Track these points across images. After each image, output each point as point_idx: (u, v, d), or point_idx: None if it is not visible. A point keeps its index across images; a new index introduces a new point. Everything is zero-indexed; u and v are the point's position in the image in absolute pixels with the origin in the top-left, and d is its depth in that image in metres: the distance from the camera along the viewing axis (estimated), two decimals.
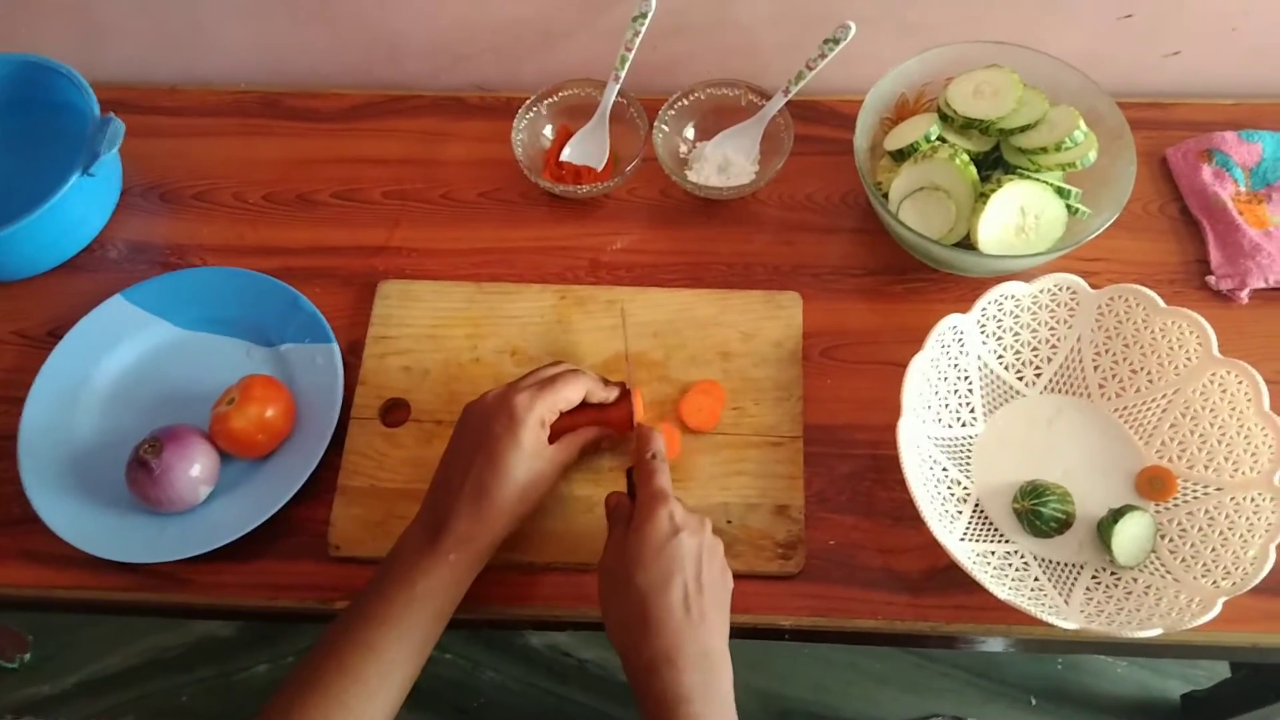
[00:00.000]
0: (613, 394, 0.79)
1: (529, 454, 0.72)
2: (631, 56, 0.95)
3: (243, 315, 0.90)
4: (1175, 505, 0.78)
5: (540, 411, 0.73)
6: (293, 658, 1.45)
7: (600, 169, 0.98)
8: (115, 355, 0.89)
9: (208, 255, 0.97)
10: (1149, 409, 0.81)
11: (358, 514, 0.80)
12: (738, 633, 0.78)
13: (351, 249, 0.96)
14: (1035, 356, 0.84)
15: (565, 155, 0.99)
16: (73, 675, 1.50)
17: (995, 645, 0.85)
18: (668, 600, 0.65)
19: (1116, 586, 0.74)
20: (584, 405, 0.78)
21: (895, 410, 0.75)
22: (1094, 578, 0.76)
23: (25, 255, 0.94)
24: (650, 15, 0.94)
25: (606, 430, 0.79)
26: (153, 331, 0.90)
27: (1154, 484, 0.79)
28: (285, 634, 1.48)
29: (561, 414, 0.76)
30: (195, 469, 0.79)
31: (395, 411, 0.86)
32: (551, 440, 0.75)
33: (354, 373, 0.87)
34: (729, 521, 0.79)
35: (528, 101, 0.98)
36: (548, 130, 1.00)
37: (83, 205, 0.95)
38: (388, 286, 0.91)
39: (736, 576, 0.77)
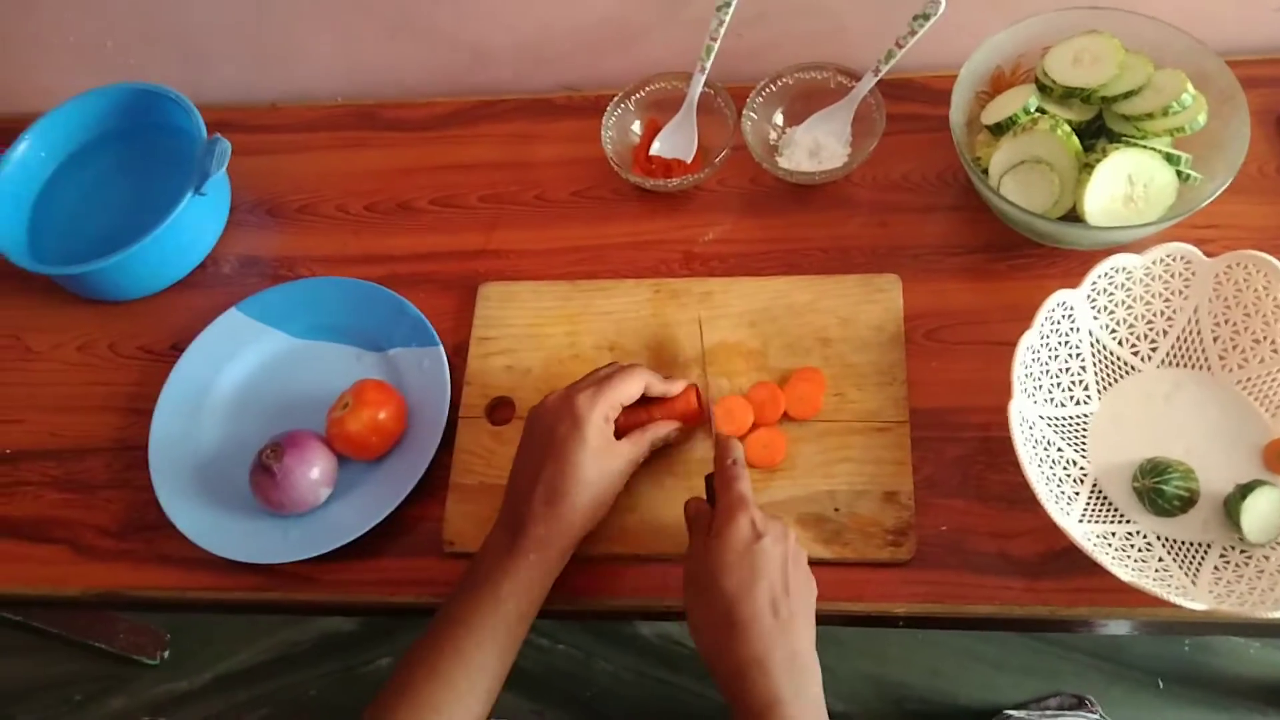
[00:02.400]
0: (674, 387, 0.80)
1: (596, 452, 0.73)
2: (717, 46, 0.95)
3: (352, 322, 0.93)
4: None
5: (603, 409, 0.74)
6: None
7: (690, 161, 0.98)
8: (234, 365, 0.93)
9: (315, 266, 1.00)
10: (1275, 379, 0.78)
11: (469, 510, 0.82)
12: (851, 620, 0.78)
13: (451, 253, 0.98)
14: (1150, 330, 0.81)
15: (654, 149, 0.99)
16: (208, 671, 1.57)
17: (1119, 628, 0.83)
18: (755, 603, 0.64)
19: (1247, 565, 0.71)
20: (649, 401, 0.79)
21: (1004, 391, 0.74)
22: (1222, 556, 0.73)
23: (145, 274, 0.99)
24: (734, 4, 0.93)
25: (674, 423, 0.80)
26: (268, 341, 0.94)
27: None
28: (404, 627, 1.53)
29: (625, 410, 0.77)
30: (315, 472, 0.82)
31: (501, 409, 0.88)
32: (619, 436, 0.76)
33: (459, 373, 0.89)
34: (836, 509, 0.78)
35: (615, 98, 0.99)
36: (636, 126, 1.01)
37: (196, 224, 1.00)
38: (488, 289, 0.93)
39: (846, 565, 0.77)
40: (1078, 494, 0.76)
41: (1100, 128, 0.87)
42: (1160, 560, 0.72)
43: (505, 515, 0.75)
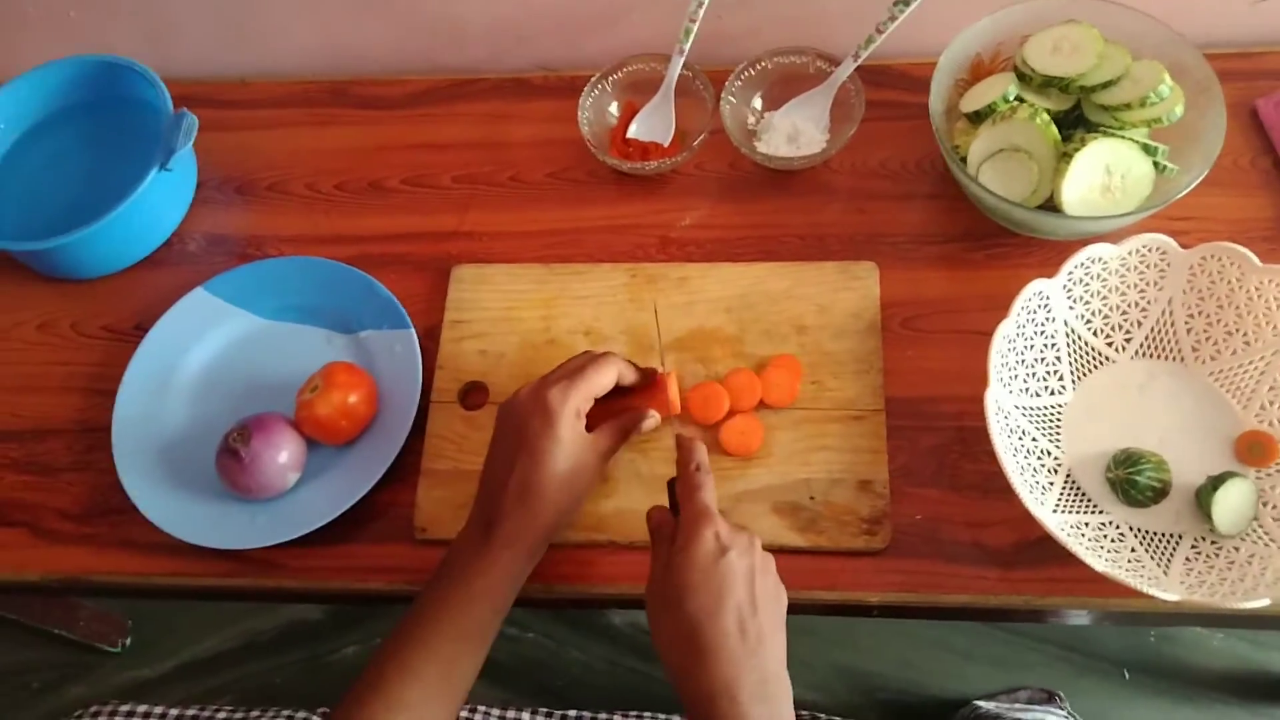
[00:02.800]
0: (646, 376, 0.79)
1: (569, 446, 0.72)
2: (696, 28, 0.94)
3: (321, 303, 0.91)
4: (1278, 471, 0.75)
5: (575, 402, 0.73)
6: (380, 639, 1.46)
7: (667, 144, 0.97)
8: (200, 346, 0.91)
9: (284, 245, 0.98)
10: (1246, 372, 0.78)
11: (441, 496, 0.81)
12: (824, 609, 0.78)
13: (424, 234, 0.96)
14: (1125, 321, 0.81)
15: (632, 132, 0.98)
16: (171, 659, 1.54)
17: (1091, 618, 0.83)
18: (722, 625, 0.62)
19: (1218, 556, 0.72)
20: (621, 391, 0.78)
21: (979, 380, 0.73)
22: (1193, 547, 0.73)
23: (108, 252, 0.97)
24: None
25: (647, 413, 0.79)
26: (235, 322, 0.92)
27: (1254, 449, 0.76)
28: (372, 616, 1.51)
29: (597, 401, 0.76)
30: (283, 456, 0.81)
31: (474, 394, 0.86)
32: (590, 428, 0.75)
33: (431, 357, 0.88)
34: (812, 498, 0.78)
35: (592, 79, 0.98)
36: (613, 107, 1.00)
37: (161, 201, 0.97)
38: (461, 271, 0.91)
39: (821, 553, 0.77)
40: (1051, 484, 0.76)
41: (1078, 117, 0.87)
42: (1133, 550, 0.73)
43: (478, 510, 0.74)
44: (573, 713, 0.95)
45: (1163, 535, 0.74)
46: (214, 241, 0.99)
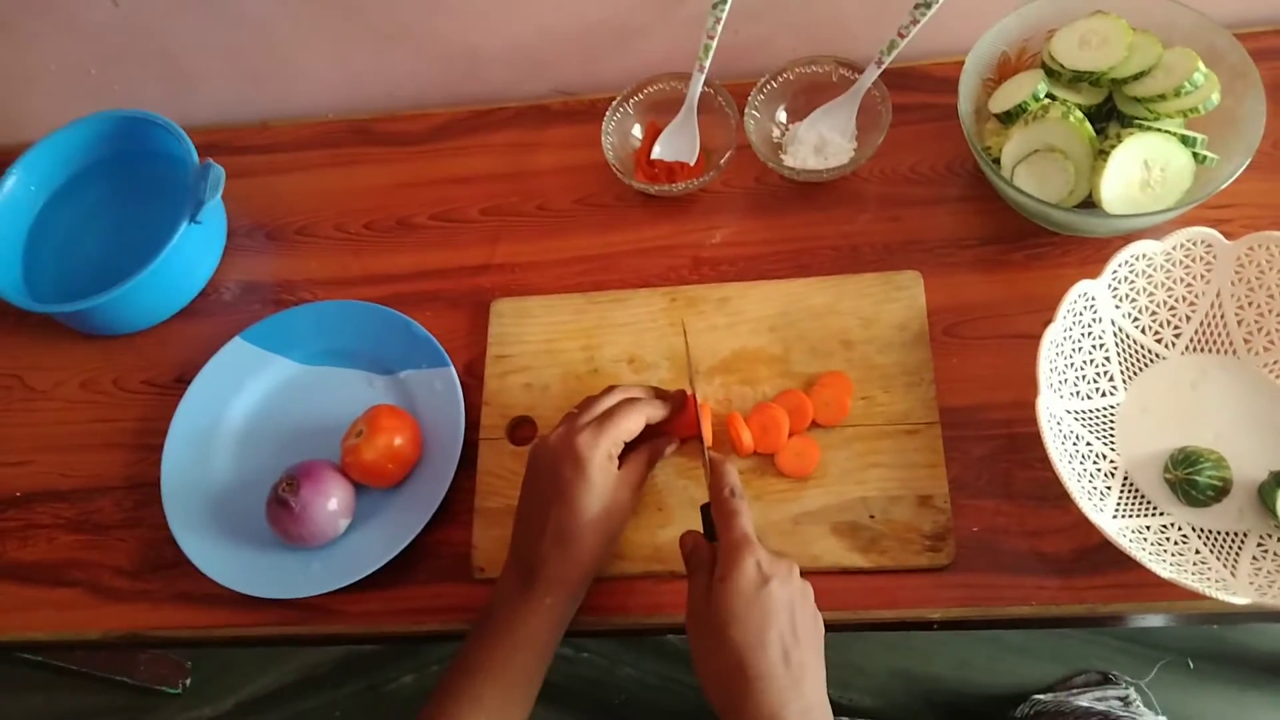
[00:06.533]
0: (672, 408, 0.79)
1: (602, 489, 0.72)
2: (715, 44, 0.93)
3: (359, 346, 0.91)
4: None
5: (605, 447, 0.73)
6: (436, 666, 1.49)
7: (693, 163, 0.97)
8: (242, 396, 0.91)
9: (317, 289, 0.98)
10: None
11: (499, 534, 0.81)
12: (884, 627, 0.77)
13: (456, 270, 0.96)
14: (1173, 316, 0.80)
15: (656, 153, 0.97)
16: (231, 697, 1.56)
17: (1157, 621, 0.82)
18: (767, 655, 0.62)
19: None
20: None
21: (1027, 385, 0.73)
22: (1260, 545, 0.72)
23: (145, 307, 0.97)
24: (730, 1, 0.91)
25: (669, 440, 0.80)
26: (275, 369, 0.92)
27: None
28: (428, 644, 1.51)
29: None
30: (333, 503, 0.81)
31: (522, 429, 0.86)
32: (620, 458, 0.75)
33: (473, 394, 0.88)
34: (871, 517, 0.77)
35: (614, 102, 0.97)
36: (636, 130, 0.99)
37: (193, 253, 0.98)
38: (501, 305, 0.91)
39: (885, 573, 0.76)
40: (1109, 488, 0.75)
41: (1110, 111, 0.86)
42: (1197, 553, 0.72)
43: (515, 558, 0.74)
44: None
45: (1227, 534, 0.73)
46: (248, 289, 1.00)
